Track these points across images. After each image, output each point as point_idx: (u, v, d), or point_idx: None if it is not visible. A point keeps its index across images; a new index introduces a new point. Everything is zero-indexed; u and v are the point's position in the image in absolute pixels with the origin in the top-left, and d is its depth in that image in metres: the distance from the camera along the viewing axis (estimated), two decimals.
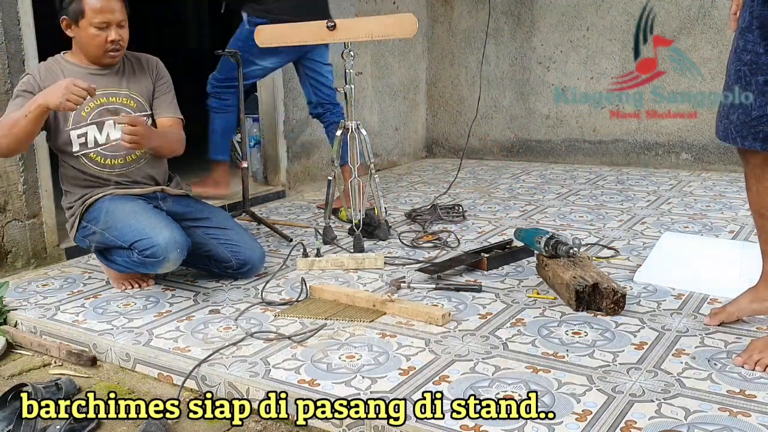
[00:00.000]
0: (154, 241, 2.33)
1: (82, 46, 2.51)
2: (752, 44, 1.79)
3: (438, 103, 5.51)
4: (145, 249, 2.34)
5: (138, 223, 2.40)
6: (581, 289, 2.25)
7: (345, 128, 3.08)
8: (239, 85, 3.32)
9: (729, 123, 1.90)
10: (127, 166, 2.58)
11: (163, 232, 2.36)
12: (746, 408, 1.66)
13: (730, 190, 3.94)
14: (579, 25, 4.81)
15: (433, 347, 2.04)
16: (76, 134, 2.52)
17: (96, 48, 2.48)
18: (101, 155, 2.55)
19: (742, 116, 1.87)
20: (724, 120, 1.92)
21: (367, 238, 3.15)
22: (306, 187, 4.43)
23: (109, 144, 2.55)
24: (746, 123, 1.86)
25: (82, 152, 2.53)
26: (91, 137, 2.53)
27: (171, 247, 2.35)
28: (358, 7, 4.63)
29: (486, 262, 2.70)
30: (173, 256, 2.37)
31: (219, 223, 2.67)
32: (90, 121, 2.52)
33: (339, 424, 1.72)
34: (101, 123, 2.54)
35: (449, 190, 4.12)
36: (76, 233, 2.60)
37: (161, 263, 2.37)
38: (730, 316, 2.09)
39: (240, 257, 2.62)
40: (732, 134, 1.90)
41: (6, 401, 1.86)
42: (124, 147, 2.42)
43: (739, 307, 2.08)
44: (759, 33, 1.77)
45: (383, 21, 2.93)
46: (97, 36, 2.46)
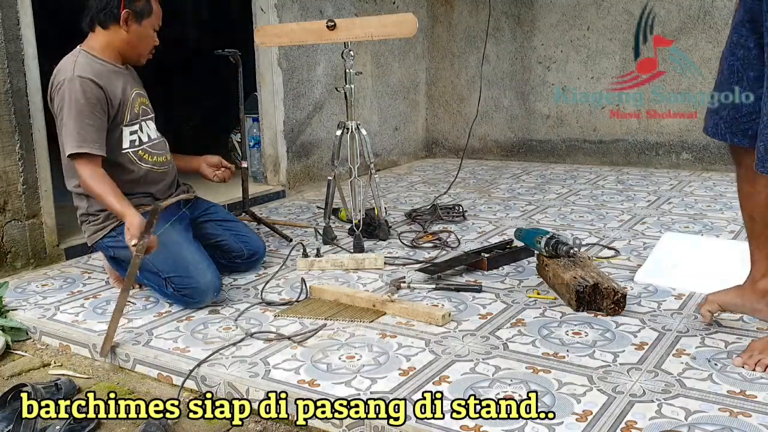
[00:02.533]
0: (195, 282, 2.35)
1: (134, 43, 2.50)
2: (744, 38, 1.78)
3: (438, 103, 5.51)
4: (185, 287, 2.36)
5: (181, 258, 2.38)
6: (581, 289, 2.24)
7: (345, 128, 3.08)
8: (239, 84, 3.32)
9: (719, 119, 1.89)
10: (168, 164, 2.65)
11: (206, 274, 2.37)
12: (747, 408, 1.65)
13: (730, 190, 3.93)
14: (579, 24, 4.81)
15: (434, 347, 2.04)
16: (129, 131, 2.53)
17: (146, 48, 2.53)
18: (149, 153, 2.58)
19: (733, 112, 1.85)
20: (714, 116, 1.91)
21: (367, 238, 3.15)
22: (306, 187, 4.43)
23: (151, 142, 2.60)
24: (736, 119, 1.85)
25: (131, 149, 2.53)
26: (139, 135, 2.56)
27: (210, 292, 2.39)
28: (358, 7, 4.63)
29: (486, 262, 2.70)
30: (208, 299, 2.40)
31: (225, 216, 2.81)
32: (139, 119, 2.56)
33: (339, 425, 1.72)
34: (142, 123, 2.58)
35: (449, 190, 4.12)
36: (102, 239, 2.53)
37: (196, 304, 2.40)
38: (714, 306, 2.05)
39: (250, 247, 2.74)
40: (721, 130, 1.89)
41: (6, 401, 1.85)
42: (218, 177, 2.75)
43: (723, 299, 2.05)
44: (749, 27, 1.76)
45: (383, 21, 2.93)
46: (151, 37, 2.52)
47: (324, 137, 4.52)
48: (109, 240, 2.53)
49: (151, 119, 2.65)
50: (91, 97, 2.38)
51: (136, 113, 2.54)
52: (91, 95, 2.38)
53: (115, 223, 2.50)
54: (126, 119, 2.51)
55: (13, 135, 2.83)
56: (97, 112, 2.39)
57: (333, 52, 4.43)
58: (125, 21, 2.45)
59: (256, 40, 3.04)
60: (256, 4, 4.09)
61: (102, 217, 2.53)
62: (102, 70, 2.46)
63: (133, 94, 2.54)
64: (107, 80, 2.44)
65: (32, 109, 2.89)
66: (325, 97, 4.52)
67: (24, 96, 2.86)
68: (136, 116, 2.54)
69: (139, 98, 2.58)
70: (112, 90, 2.45)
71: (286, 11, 4.13)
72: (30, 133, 2.89)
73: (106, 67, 2.48)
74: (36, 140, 2.91)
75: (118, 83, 2.49)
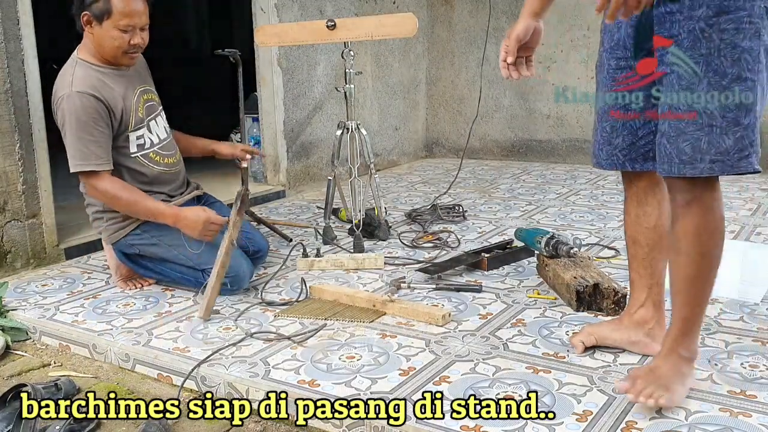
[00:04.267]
0: (234, 271, 2.45)
1: (100, 45, 2.45)
2: (624, 59, 1.76)
3: (438, 103, 5.51)
4: (225, 276, 2.41)
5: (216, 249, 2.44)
6: (582, 289, 2.24)
7: (345, 128, 3.08)
8: (239, 85, 3.32)
9: (612, 149, 1.78)
10: (178, 163, 2.66)
11: (242, 263, 2.51)
12: (747, 408, 1.65)
13: (730, 190, 3.93)
14: (579, 24, 4.81)
15: (434, 347, 2.04)
16: (135, 135, 2.52)
17: (114, 49, 2.43)
18: (159, 154, 2.58)
19: (629, 138, 1.75)
20: (606, 147, 1.79)
21: (367, 238, 3.15)
22: (306, 187, 4.43)
23: (161, 143, 2.59)
24: (634, 144, 1.75)
25: (140, 153, 2.53)
26: (147, 138, 2.55)
27: (246, 278, 2.52)
28: (358, 7, 4.63)
29: (486, 262, 2.70)
30: (245, 285, 2.53)
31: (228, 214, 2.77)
32: (145, 122, 2.55)
33: (339, 425, 1.71)
34: (149, 123, 2.57)
35: (449, 190, 4.12)
36: (125, 237, 2.54)
37: (234, 291, 2.51)
38: (588, 339, 1.96)
39: (254, 245, 2.76)
40: (619, 160, 1.78)
41: (6, 401, 1.85)
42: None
43: (599, 332, 1.97)
44: (625, 46, 1.76)
45: (383, 21, 2.93)
46: (118, 38, 2.41)
47: (324, 137, 4.52)
48: (133, 237, 2.54)
49: (159, 115, 2.63)
50: (92, 112, 2.37)
51: (141, 117, 2.53)
52: (91, 110, 2.37)
53: (138, 221, 2.52)
54: (131, 125, 2.50)
55: (13, 135, 2.83)
56: (99, 126, 2.38)
57: (333, 52, 4.43)
58: (88, 23, 2.43)
59: (256, 40, 3.04)
60: (256, 4, 4.09)
61: (122, 215, 2.53)
62: (100, 78, 2.44)
63: (135, 96, 2.53)
64: (107, 90, 2.43)
65: (32, 109, 2.89)
66: (325, 97, 4.52)
67: (24, 96, 2.86)
68: (141, 120, 2.53)
69: (143, 97, 2.57)
70: (113, 100, 2.43)
71: (286, 11, 4.13)
72: (30, 133, 2.89)
73: (105, 73, 2.47)
74: (36, 140, 2.91)
75: (118, 90, 2.47)
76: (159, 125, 2.61)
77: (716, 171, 1.54)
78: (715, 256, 1.63)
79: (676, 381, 1.67)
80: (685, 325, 1.68)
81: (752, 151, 1.54)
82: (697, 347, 1.72)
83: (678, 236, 1.63)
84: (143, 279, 2.66)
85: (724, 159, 1.53)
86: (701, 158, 1.54)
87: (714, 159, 1.53)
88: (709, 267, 1.64)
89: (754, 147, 1.54)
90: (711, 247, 1.61)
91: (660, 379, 1.65)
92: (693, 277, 1.63)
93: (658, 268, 1.88)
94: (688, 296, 1.66)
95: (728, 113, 1.52)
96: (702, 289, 1.66)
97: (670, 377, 1.66)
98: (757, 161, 1.56)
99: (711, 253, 1.62)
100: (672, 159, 1.58)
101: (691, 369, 1.72)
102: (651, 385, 1.64)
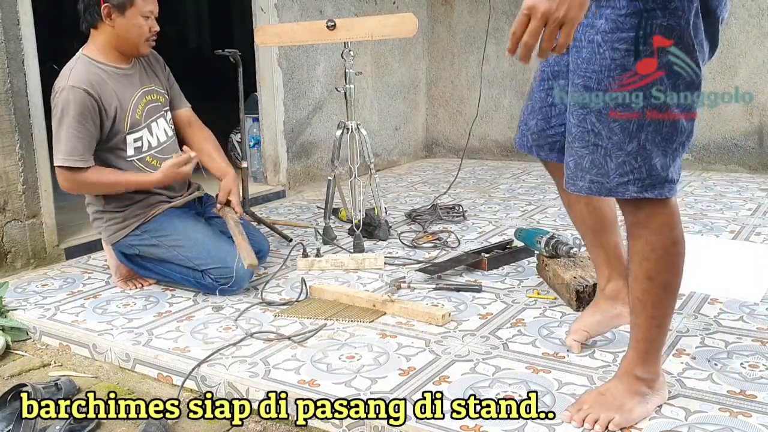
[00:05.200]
0: (233, 272, 2.46)
1: (122, 37, 2.46)
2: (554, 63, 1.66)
3: (438, 103, 5.51)
4: (224, 277, 2.46)
5: (217, 250, 2.49)
6: (582, 289, 2.24)
7: (345, 128, 3.08)
8: (239, 85, 3.32)
9: (526, 129, 1.71)
10: None
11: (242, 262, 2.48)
12: (747, 408, 1.65)
13: (730, 190, 3.93)
14: None
15: (434, 347, 2.04)
16: (133, 138, 2.52)
17: (139, 37, 2.46)
18: (156, 158, 2.57)
19: (542, 123, 1.68)
20: (523, 126, 1.72)
21: (367, 238, 3.15)
22: (306, 187, 4.43)
23: (160, 146, 2.59)
24: (544, 131, 1.68)
25: (137, 156, 2.53)
26: (145, 141, 2.55)
27: (246, 279, 2.53)
28: (358, 8, 4.63)
29: (486, 262, 2.70)
30: (245, 285, 2.54)
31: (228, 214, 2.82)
32: (144, 124, 2.54)
33: (339, 425, 1.72)
34: (150, 125, 2.57)
35: (449, 190, 4.12)
36: (125, 237, 2.55)
37: (234, 291, 2.52)
38: (580, 335, 1.94)
39: (255, 245, 2.72)
40: (528, 143, 1.72)
41: (6, 401, 1.85)
42: None
43: (584, 324, 1.95)
44: None
45: (383, 21, 2.93)
46: (143, 26, 2.45)
47: (324, 137, 4.52)
48: (133, 238, 2.54)
49: (162, 116, 2.62)
50: (83, 109, 2.37)
51: (138, 119, 2.52)
52: (82, 106, 2.37)
53: (138, 221, 2.52)
54: (126, 127, 2.49)
55: (13, 135, 2.83)
56: (87, 123, 2.38)
57: (333, 52, 4.43)
58: (108, 16, 2.42)
59: (256, 40, 3.04)
60: (256, 4, 4.09)
61: (121, 216, 2.53)
62: (100, 76, 2.44)
63: (136, 97, 2.52)
64: (103, 88, 2.42)
65: (32, 109, 2.89)
66: (325, 97, 4.52)
67: (24, 96, 2.86)
68: (138, 122, 2.52)
69: (146, 98, 2.56)
70: (107, 99, 2.43)
71: (286, 11, 4.14)
72: (30, 133, 2.89)
73: (106, 71, 2.47)
74: (36, 140, 2.91)
75: (117, 89, 2.47)
76: (160, 127, 2.61)
77: (593, 192, 1.49)
78: (666, 281, 1.53)
79: (632, 401, 1.59)
80: (641, 345, 1.60)
81: (632, 179, 1.46)
82: (659, 369, 1.64)
83: (629, 255, 1.57)
84: (143, 279, 2.67)
85: (602, 181, 1.46)
86: (582, 176, 1.48)
87: (593, 179, 1.47)
88: (659, 291, 1.54)
89: (635, 174, 1.45)
90: (659, 271, 1.52)
91: (611, 400, 1.58)
92: (643, 300, 1.55)
93: (610, 244, 1.86)
94: (642, 318, 1.58)
95: (614, 136, 1.46)
96: (654, 312, 1.56)
97: (624, 398, 1.59)
98: (644, 191, 1.46)
99: (659, 277, 1.53)
100: (568, 167, 1.52)
101: (652, 390, 1.62)
102: (598, 409, 1.57)
